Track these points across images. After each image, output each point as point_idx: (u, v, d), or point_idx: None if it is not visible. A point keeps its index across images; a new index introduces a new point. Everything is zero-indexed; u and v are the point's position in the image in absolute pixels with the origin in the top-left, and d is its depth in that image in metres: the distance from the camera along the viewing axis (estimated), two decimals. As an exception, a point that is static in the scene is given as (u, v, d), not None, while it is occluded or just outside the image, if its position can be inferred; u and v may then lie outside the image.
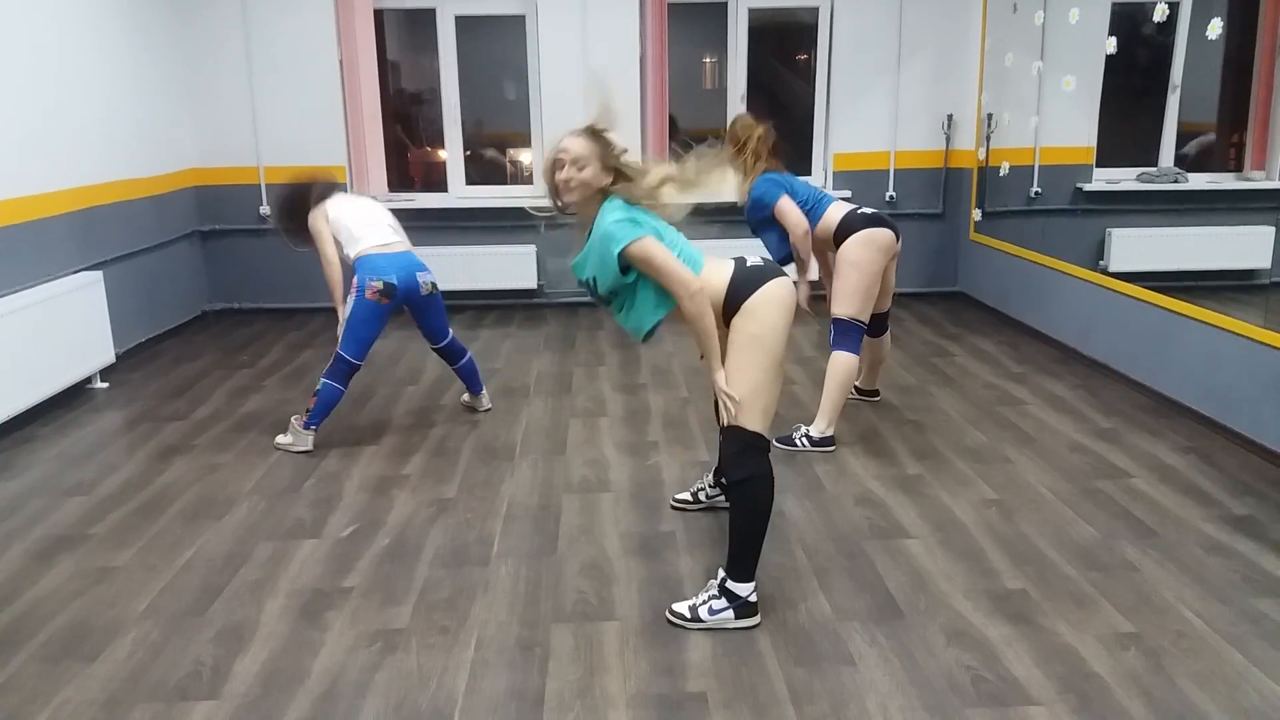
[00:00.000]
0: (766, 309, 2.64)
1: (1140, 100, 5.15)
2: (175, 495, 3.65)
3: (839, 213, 4.00)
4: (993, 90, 6.24)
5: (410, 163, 7.29)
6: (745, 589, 2.66)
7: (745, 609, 2.66)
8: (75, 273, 4.98)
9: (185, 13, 6.26)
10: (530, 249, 6.68)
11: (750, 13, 6.65)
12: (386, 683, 2.44)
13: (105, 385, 5.04)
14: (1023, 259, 5.90)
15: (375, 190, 6.36)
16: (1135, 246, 5.06)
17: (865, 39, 6.58)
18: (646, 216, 2.63)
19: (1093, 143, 5.29)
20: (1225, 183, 4.79)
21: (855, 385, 4.59)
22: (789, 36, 7.05)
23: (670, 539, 3.22)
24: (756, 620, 2.67)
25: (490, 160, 7.22)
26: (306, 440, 4.07)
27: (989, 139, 6.27)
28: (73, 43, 5.13)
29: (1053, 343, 5.53)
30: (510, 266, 6.69)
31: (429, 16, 6.58)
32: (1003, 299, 6.28)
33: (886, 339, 4.43)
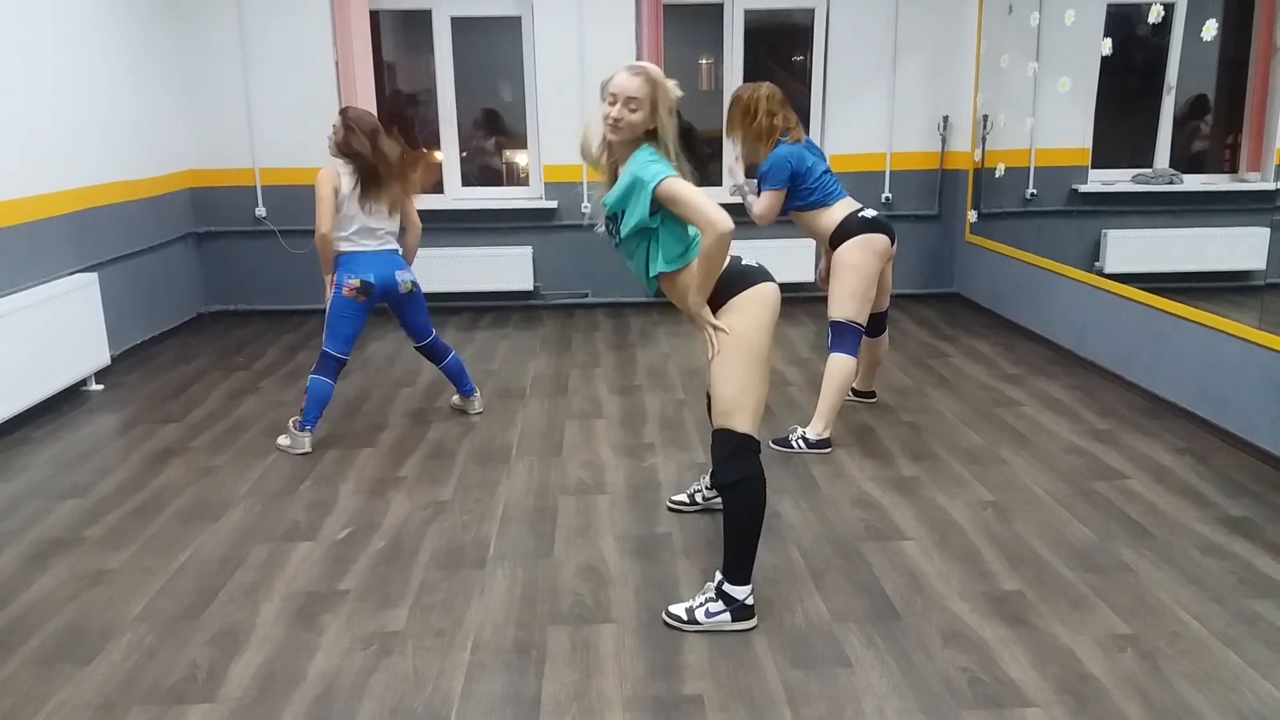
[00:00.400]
0: (757, 307, 2.64)
1: (1135, 102, 5.16)
2: (171, 498, 3.64)
3: (842, 212, 4.00)
4: (988, 92, 6.25)
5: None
6: (742, 592, 2.66)
7: (742, 611, 2.66)
8: (71, 274, 4.97)
9: (181, 14, 6.26)
10: (526, 250, 6.68)
11: (746, 14, 6.66)
12: (382, 685, 2.44)
13: (100, 387, 5.03)
14: (1018, 260, 5.91)
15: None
16: (1131, 248, 5.06)
17: (860, 40, 6.59)
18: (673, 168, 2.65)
19: (1088, 144, 5.29)
20: (1220, 184, 4.80)
21: (852, 387, 4.60)
22: (784, 38, 7.05)
23: (667, 541, 3.22)
24: (753, 623, 2.67)
25: (491, 151, 7.22)
26: (304, 442, 4.07)
27: (984, 140, 6.28)
28: (69, 44, 5.12)
29: (1048, 344, 5.54)
30: (506, 268, 6.69)
31: (425, 18, 6.57)
32: (998, 300, 6.29)
33: (885, 339, 4.43)
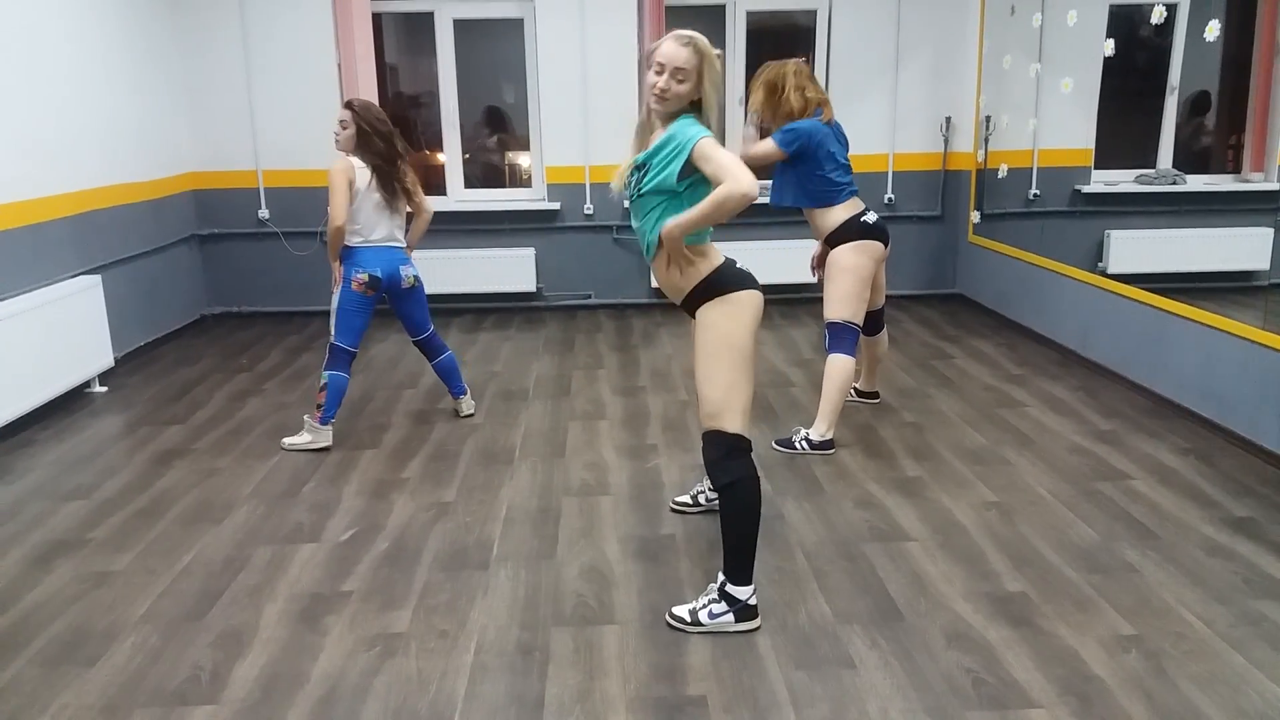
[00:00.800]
0: (745, 309, 2.67)
1: (1138, 102, 5.15)
2: (174, 499, 3.64)
3: (845, 214, 3.98)
4: (991, 92, 6.24)
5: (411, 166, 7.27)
6: (744, 592, 2.66)
7: (745, 612, 2.66)
8: (74, 277, 4.97)
9: (183, 16, 6.27)
10: (529, 252, 6.68)
11: (748, 15, 6.66)
12: (386, 687, 2.44)
13: (104, 389, 5.04)
14: (1021, 261, 5.90)
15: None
16: (1134, 248, 5.06)
17: (863, 41, 6.59)
18: None
19: (1091, 144, 5.29)
20: (1223, 184, 4.80)
21: (855, 387, 4.60)
22: (786, 39, 7.04)
23: (670, 542, 3.22)
24: (756, 623, 2.66)
25: (494, 148, 7.23)
26: (326, 435, 4.10)
27: (987, 141, 6.28)
28: (71, 47, 5.13)
29: (1052, 345, 5.53)
30: (509, 270, 6.69)
31: (427, 20, 6.58)
32: (1001, 301, 6.28)
33: (883, 337, 4.43)
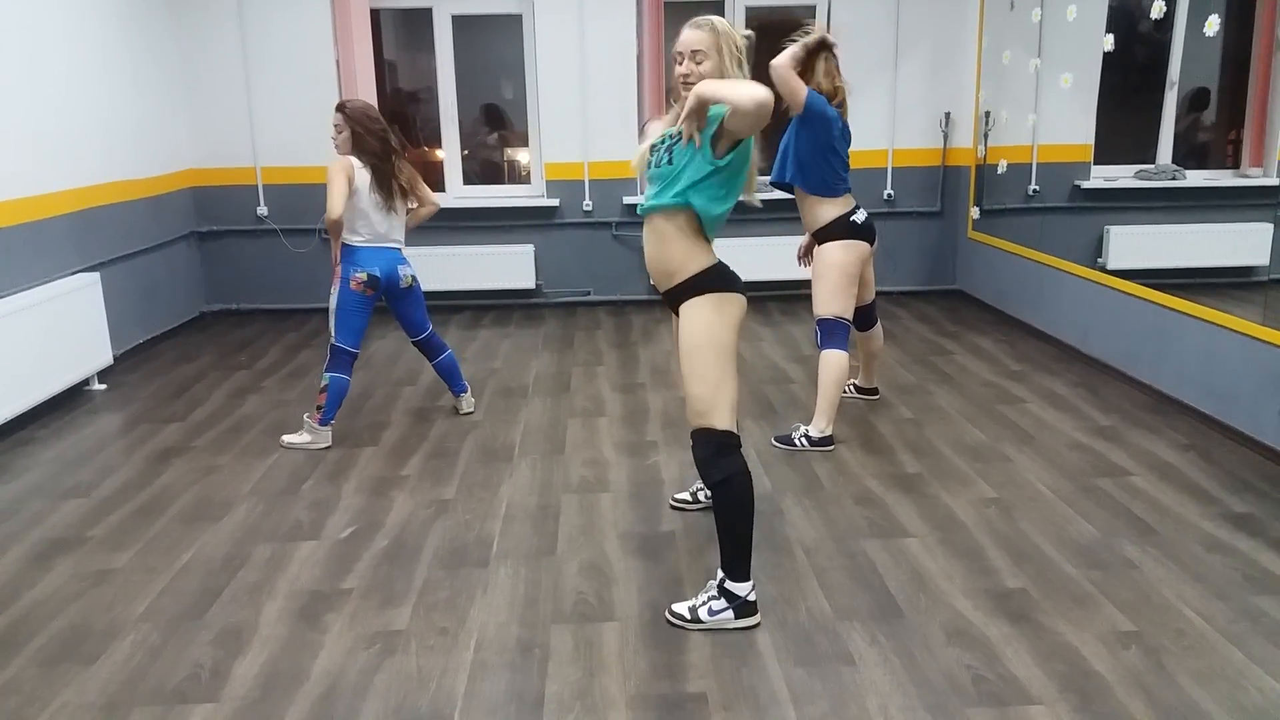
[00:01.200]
0: (732, 309, 2.69)
1: (1138, 97, 5.15)
2: (173, 497, 3.64)
3: (835, 211, 3.98)
4: (990, 88, 6.24)
5: (408, 162, 7.25)
6: (744, 588, 2.66)
7: (745, 609, 2.66)
8: (73, 274, 4.97)
9: (182, 14, 6.25)
10: (528, 248, 6.68)
11: (747, 11, 6.65)
12: (386, 684, 2.44)
13: (103, 387, 5.03)
14: (1021, 257, 5.90)
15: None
16: (1133, 244, 5.05)
17: (862, 37, 6.56)
18: None
19: (1090, 140, 5.28)
20: (1223, 179, 4.79)
21: (854, 384, 4.60)
22: (786, 35, 7.02)
23: (670, 539, 3.22)
24: (756, 620, 2.66)
25: (493, 145, 7.22)
26: (326, 436, 4.11)
27: (987, 137, 6.27)
28: (71, 44, 5.12)
29: (1051, 340, 5.53)
30: (508, 266, 6.69)
31: (426, 15, 6.57)
32: (1001, 297, 6.28)
33: (878, 331, 4.42)
